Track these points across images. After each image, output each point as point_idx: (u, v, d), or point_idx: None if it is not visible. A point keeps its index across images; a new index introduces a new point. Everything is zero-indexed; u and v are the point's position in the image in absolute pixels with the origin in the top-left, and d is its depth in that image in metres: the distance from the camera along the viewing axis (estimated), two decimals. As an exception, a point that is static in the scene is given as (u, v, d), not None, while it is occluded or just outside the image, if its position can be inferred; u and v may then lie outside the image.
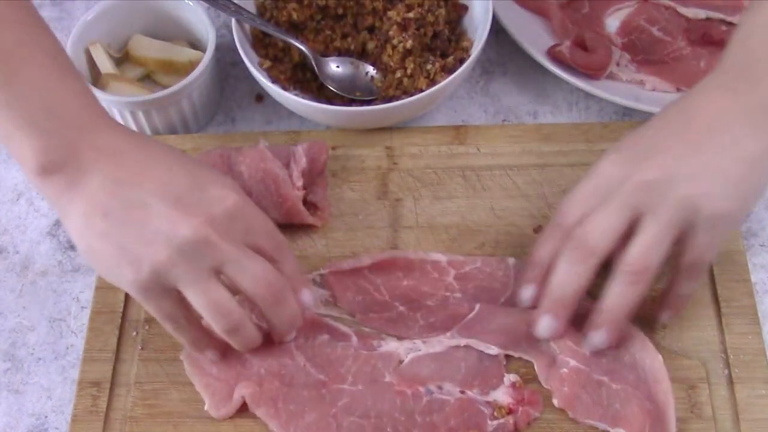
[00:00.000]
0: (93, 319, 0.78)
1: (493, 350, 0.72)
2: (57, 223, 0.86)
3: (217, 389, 0.72)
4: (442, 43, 0.88)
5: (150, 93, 0.88)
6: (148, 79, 0.94)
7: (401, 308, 0.76)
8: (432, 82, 0.85)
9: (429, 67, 0.85)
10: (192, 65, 0.89)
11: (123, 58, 0.93)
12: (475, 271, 0.77)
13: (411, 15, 0.86)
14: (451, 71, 0.85)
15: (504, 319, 0.73)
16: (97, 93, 0.86)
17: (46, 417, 0.75)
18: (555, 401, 0.70)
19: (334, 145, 0.86)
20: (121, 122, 0.88)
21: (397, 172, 0.85)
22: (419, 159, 0.86)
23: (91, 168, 0.61)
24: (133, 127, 0.89)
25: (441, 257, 0.78)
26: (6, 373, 0.78)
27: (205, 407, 0.72)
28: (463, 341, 0.72)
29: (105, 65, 0.90)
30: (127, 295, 0.79)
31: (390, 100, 0.84)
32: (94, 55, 0.90)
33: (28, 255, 0.84)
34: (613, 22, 0.95)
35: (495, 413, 0.70)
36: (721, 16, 0.93)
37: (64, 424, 0.74)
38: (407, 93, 0.85)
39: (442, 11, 0.88)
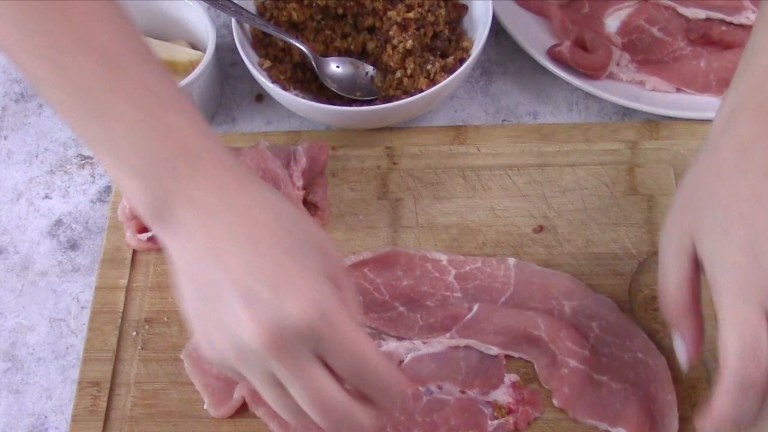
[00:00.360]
0: (93, 319, 0.78)
1: (493, 350, 0.72)
2: (57, 223, 0.86)
3: (217, 389, 0.72)
4: (442, 43, 0.88)
5: (150, 93, 0.87)
6: (148, 79, 0.93)
7: (401, 308, 0.76)
8: (432, 82, 0.85)
9: (429, 67, 0.85)
10: (192, 65, 0.88)
11: (123, 58, 0.93)
12: (475, 270, 0.77)
13: (411, 15, 0.86)
14: (451, 71, 0.85)
15: (503, 320, 0.73)
16: (98, 93, 0.86)
17: (46, 417, 0.75)
18: (555, 401, 0.70)
19: (334, 145, 0.86)
20: (122, 122, 0.88)
21: (397, 172, 0.85)
22: (419, 159, 0.86)
23: (187, 227, 0.56)
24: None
25: (441, 256, 0.78)
26: (6, 373, 0.78)
27: (205, 406, 0.72)
28: (463, 341, 0.72)
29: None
30: (127, 295, 0.79)
31: (390, 100, 0.84)
32: (94, 55, 0.90)
33: (28, 255, 0.84)
34: (613, 22, 0.95)
35: (495, 413, 0.70)
36: (721, 16, 0.93)
37: (64, 424, 0.74)
38: (407, 93, 0.85)
39: (442, 11, 0.88)
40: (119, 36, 0.56)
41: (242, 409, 0.72)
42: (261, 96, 0.94)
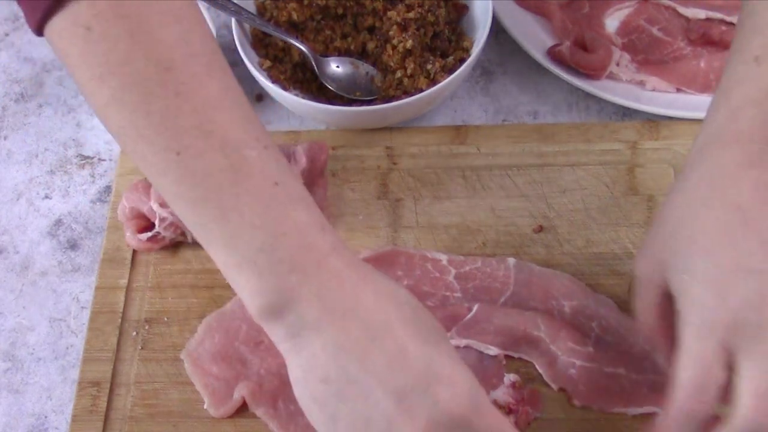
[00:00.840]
0: (93, 319, 0.78)
1: (493, 351, 0.72)
2: (57, 223, 0.86)
3: (217, 388, 0.72)
4: (443, 43, 0.88)
5: (150, 93, 0.87)
6: (148, 79, 0.93)
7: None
8: (432, 82, 0.85)
9: (429, 67, 0.85)
10: (192, 65, 0.88)
11: (123, 58, 0.93)
12: (475, 270, 0.77)
13: (411, 15, 0.86)
14: (451, 71, 0.85)
15: (503, 320, 0.73)
16: (98, 93, 0.85)
17: (46, 417, 0.75)
18: (576, 402, 0.70)
19: (334, 145, 0.86)
20: (122, 122, 0.88)
21: (397, 172, 0.85)
22: (419, 159, 0.86)
23: (313, 324, 0.54)
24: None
25: (441, 256, 0.78)
26: (6, 373, 0.78)
27: (205, 406, 0.72)
28: (462, 341, 0.72)
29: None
30: (127, 295, 0.79)
31: (390, 100, 0.84)
32: (94, 55, 0.90)
33: (28, 255, 0.84)
34: (613, 22, 0.95)
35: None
36: (721, 16, 0.93)
37: (64, 424, 0.74)
38: (407, 93, 0.85)
39: (442, 11, 0.88)
40: (240, 122, 0.55)
41: (242, 409, 0.72)
42: (261, 96, 0.94)
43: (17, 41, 1.00)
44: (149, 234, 0.80)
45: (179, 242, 0.81)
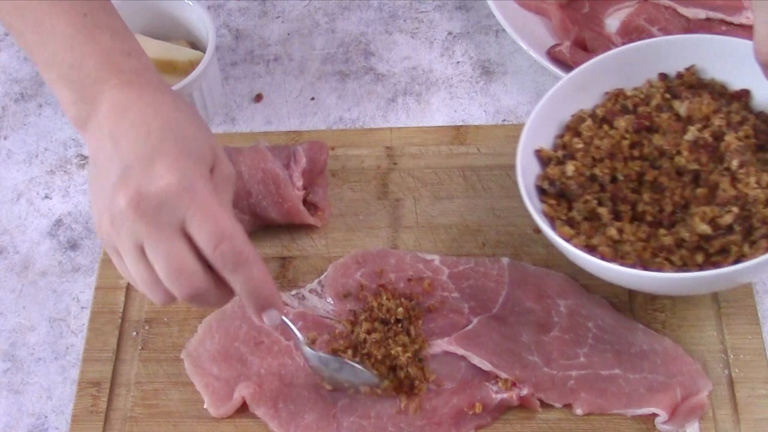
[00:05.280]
0: (93, 319, 0.78)
1: (487, 366, 0.72)
2: (57, 223, 0.86)
3: (217, 388, 0.72)
4: None
5: (150, 93, 0.88)
6: (148, 79, 0.94)
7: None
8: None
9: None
10: (192, 65, 0.88)
11: (123, 58, 0.93)
12: (468, 270, 0.77)
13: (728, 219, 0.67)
14: None
15: (501, 341, 0.73)
16: (97, 93, 0.86)
17: (46, 417, 0.75)
18: (578, 411, 0.70)
19: (333, 145, 0.86)
20: (121, 122, 0.88)
21: (397, 172, 0.85)
22: (419, 159, 0.86)
23: (100, 122, 0.63)
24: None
25: (433, 256, 0.78)
26: (6, 373, 0.78)
27: (205, 406, 0.72)
28: (460, 351, 0.72)
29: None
30: (127, 295, 0.79)
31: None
32: (94, 55, 0.90)
33: (28, 255, 0.84)
34: (613, 22, 0.95)
35: (501, 386, 0.70)
36: (721, 16, 0.93)
37: (64, 424, 0.74)
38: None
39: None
40: None
41: (242, 409, 0.72)
42: (260, 96, 0.94)
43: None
44: (149, 234, 0.79)
45: (179, 242, 0.81)
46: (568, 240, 0.69)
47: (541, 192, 0.74)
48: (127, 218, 0.59)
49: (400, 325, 0.74)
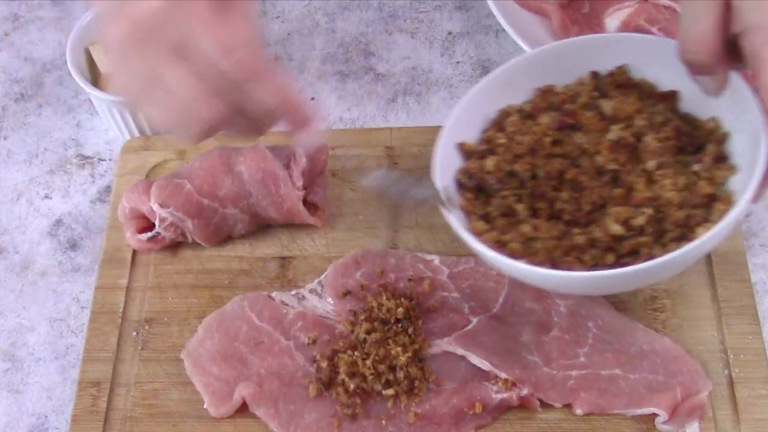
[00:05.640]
0: (93, 319, 0.78)
1: (487, 366, 0.72)
2: (57, 223, 0.86)
3: (217, 388, 0.72)
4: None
5: (150, 93, 0.88)
6: (148, 79, 0.94)
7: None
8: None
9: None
10: (192, 65, 0.88)
11: (123, 58, 0.93)
12: (468, 270, 0.77)
13: (640, 220, 0.66)
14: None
15: (500, 341, 0.73)
16: (97, 93, 0.86)
17: (46, 417, 0.75)
18: (578, 411, 0.70)
19: (334, 145, 0.86)
20: (121, 122, 0.89)
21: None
22: (419, 159, 0.86)
23: None
24: (133, 128, 0.89)
25: (433, 256, 0.78)
26: (6, 373, 0.78)
27: (205, 406, 0.72)
28: (460, 351, 0.72)
29: (105, 65, 0.90)
30: (127, 295, 0.79)
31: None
32: (94, 55, 0.90)
33: (28, 255, 0.84)
34: (613, 22, 0.95)
35: (501, 385, 0.70)
36: (721, 16, 0.93)
37: (64, 424, 0.74)
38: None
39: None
40: None
41: (242, 409, 0.72)
42: (261, 96, 0.94)
43: (17, 41, 1.00)
44: (149, 234, 0.80)
45: (179, 242, 0.81)
46: (479, 236, 0.67)
47: (460, 186, 0.72)
48: (129, 53, 0.57)
49: (400, 325, 0.74)
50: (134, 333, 0.77)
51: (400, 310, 0.74)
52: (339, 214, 0.83)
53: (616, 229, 0.65)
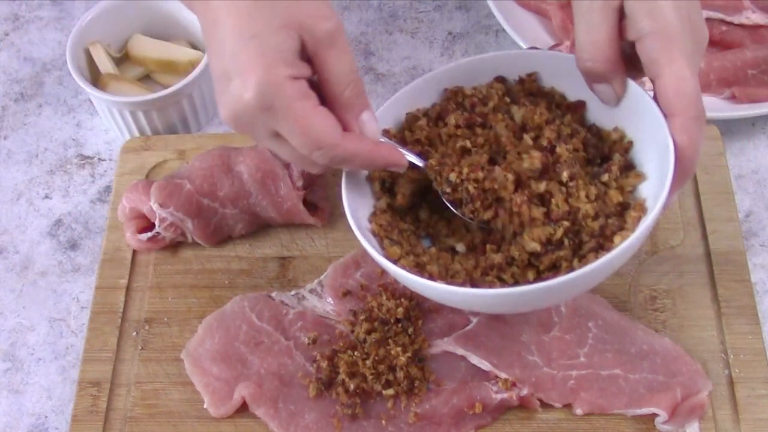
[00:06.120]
0: (93, 319, 0.78)
1: (487, 366, 0.72)
2: (57, 223, 0.86)
3: (217, 388, 0.72)
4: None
5: (150, 93, 0.88)
6: (148, 78, 0.94)
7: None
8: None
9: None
10: (192, 65, 0.89)
11: (123, 58, 0.93)
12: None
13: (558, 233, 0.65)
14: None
15: (500, 341, 0.73)
16: (97, 93, 0.86)
17: (46, 417, 0.75)
18: (578, 411, 0.70)
19: (334, 145, 0.86)
20: (121, 122, 0.89)
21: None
22: (419, 159, 0.86)
23: (202, 20, 0.63)
24: (133, 128, 0.89)
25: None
26: (6, 373, 0.78)
27: (205, 406, 0.72)
28: (459, 351, 0.72)
29: (105, 65, 0.90)
30: (127, 295, 0.79)
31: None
32: (94, 55, 0.90)
33: (28, 255, 0.84)
34: (613, 22, 0.95)
35: (501, 386, 0.70)
36: (721, 16, 0.93)
37: (64, 424, 0.74)
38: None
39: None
40: None
41: (242, 409, 0.72)
42: (261, 96, 0.94)
43: (17, 41, 1.00)
44: (149, 234, 0.80)
45: (179, 242, 0.81)
46: (395, 261, 0.65)
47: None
48: (237, 127, 0.62)
49: (399, 325, 0.74)
50: (134, 333, 0.77)
51: (400, 310, 0.74)
52: (339, 214, 0.83)
53: (534, 246, 0.64)
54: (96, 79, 0.90)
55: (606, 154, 0.69)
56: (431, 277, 0.65)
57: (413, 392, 0.71)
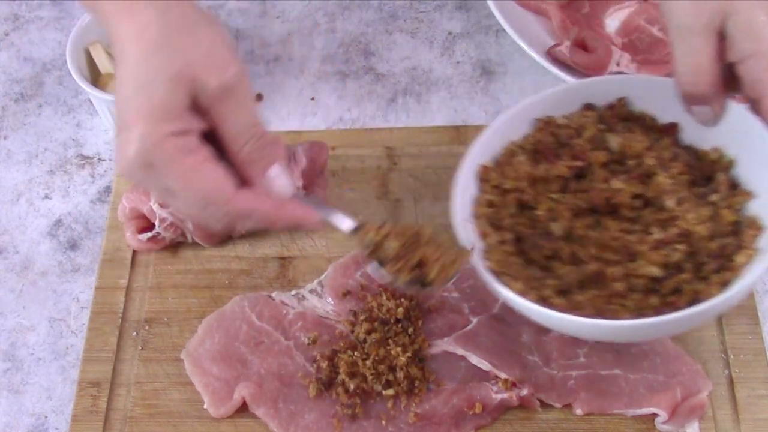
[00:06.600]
0: (93, 319, 0.78)
1: (487, 366, 0.72)
2: (57, 223, 0.86)
3: (217, 389, 0.72)
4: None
5: (150, 93, 0.87)
6: (148, 79, 0.94)
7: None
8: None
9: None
10: (192, 65, 0.88)
11: (123, 58, 0.93)
12: (468, 270, 0.77)
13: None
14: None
15: (499, 340, 0.73)
16: (97, 93, 0.86)
17: (46, 417, 0.75)
18: (578, 411, 0.70)
19: (334, 145, 0.86)
20: (121, 122, 0.88)
21: (397, 172, 0.85)
22: (419, 159, 0.86)
23: (108, 20, 0.61)
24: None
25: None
26: (6, 373, 0.78)
27: (205, 406, 0.72)
28: (459, 350, 0.72)
29: (105, 65, 0.90)
30: (127, 296, 0.79)
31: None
32: (94, 55, 0.90)
33: (28, 255, 0.84)
34: (613, 22, 0.95)
35: (501, 385, 0.70)
36: (721, 16, 0.93)
37: (64, 424, 0.74)
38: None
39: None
40: None
41: (242, 409, 0.72)
42: (260, 96, 0.94)
43: (17, 41, 1.00)
44: (149, 234, 0.80)
45: (179, 242, 0.81)
46: (522, 295, 0.64)
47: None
48: (131, 180, 0.61)
49: (400, 325, 0.74)
50: (134, 333, 0.77)
51: (400, 310, 0.74)
52: (339, 214, 0.83)
53: (653, 270, 0.64)
54: (96, 79, 0.90)
55: (708, 174, 0.69)
56: (563, 310, 0.63)
57: (413, 392, 0.71)
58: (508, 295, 0.64)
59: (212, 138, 0.60)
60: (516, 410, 0.71)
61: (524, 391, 0.70)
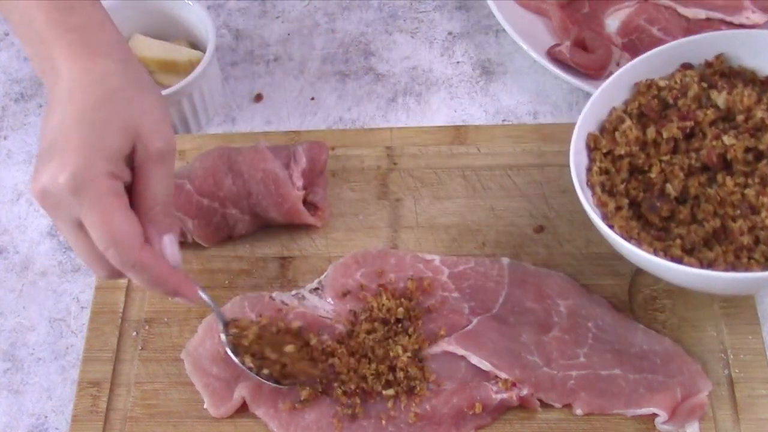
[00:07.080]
0: (93, 319, 0.78)
1: (487, 366, 0.72)
2: (57, 223, 0.86)
3: (217, 389, 0.72)
4: None
5: (150, 93, 0.88)
6: (148, 79, 0.94)
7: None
8: None
9: None
10: (192, 65, 0.89)
11: (123, 58, 0.93)
12: (469, 270, 0.77)
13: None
14: None
15: (500, 340, 0.73)
16: (97, 93, 0.86)
17: (46, 417, 0.75)
18: (578, 411, 0.70)
19: (334, 145, 0.86)
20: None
21: (397, 172, 0.85)
22: (419, 159, 0.86)
23: (48, 84, 0.64)
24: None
25: (434, 256, 0.78)
26: (6, 373, 0.78)
27: (205, 406, 0.72)
28: (460, 351, 0.72)
29: (105, 65, 0.90)
30: (127, 296, 0.79)
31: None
32: (94, 55, 0.90)
33: (28, 255, 0.84)
34: (613, 22, 0.95)
35: (500, 386, 0.70)
36: (721, 16, 0.93)
37: (64, 424, 0.74)
38: None
39: None
40: None
41: (242, 409, 0.72)
42: (260, 96, 0.94)
43: (17, 41, 1.00)
44: (149, 234, 0.79)
45: (179, 242, 0.81)
46: (656, 253, 0.67)
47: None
48: (41, 205, 0.62)
49: (400, 325, 0.74)
50: (134, 333, 0.77)
51: (400, 310, 0.74)
52: (339, 214, 0.83)
53: None
54: (96, 79, 0.90)
55: None
56: (701, 266, 0.66)
57: (413, 392, 0.71)
58: (644, 257, 0.66)
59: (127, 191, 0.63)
60: (516, 410, 0.71)
61: (524, 391, 0.70)
